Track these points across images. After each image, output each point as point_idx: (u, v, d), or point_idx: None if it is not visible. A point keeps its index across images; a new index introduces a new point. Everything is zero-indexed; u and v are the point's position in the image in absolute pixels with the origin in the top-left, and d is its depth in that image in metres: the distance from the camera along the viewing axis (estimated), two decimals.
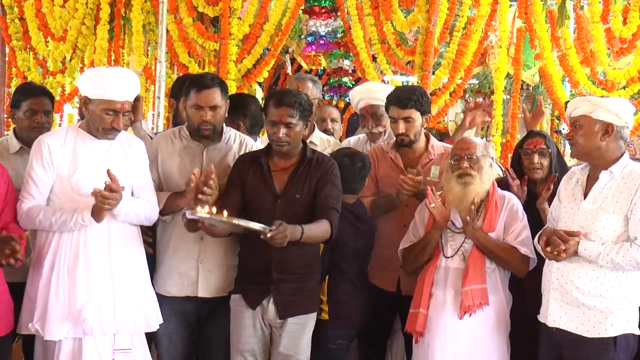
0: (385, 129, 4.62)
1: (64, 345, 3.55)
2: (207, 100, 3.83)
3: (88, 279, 3.55)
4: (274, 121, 3.74)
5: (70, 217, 3.49)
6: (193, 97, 3.85)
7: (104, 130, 3.60)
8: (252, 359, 3.83)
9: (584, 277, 3.49)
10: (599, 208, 3.49)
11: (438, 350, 3.70)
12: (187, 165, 3.91)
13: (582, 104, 3.57)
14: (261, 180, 3.79)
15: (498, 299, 3.77)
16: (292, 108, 3.71)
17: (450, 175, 3.80)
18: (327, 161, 3.88)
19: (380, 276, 4.22)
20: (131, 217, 3.66)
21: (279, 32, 7.20)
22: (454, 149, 3.86)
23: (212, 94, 3.85)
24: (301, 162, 3.82)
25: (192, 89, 3.86)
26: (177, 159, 3.96)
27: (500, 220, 3.81)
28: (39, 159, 3.58)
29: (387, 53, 7.18)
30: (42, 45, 7.97)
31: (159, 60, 6.60)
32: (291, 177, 3.79)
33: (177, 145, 3.98)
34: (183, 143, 3.98)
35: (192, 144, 3.97)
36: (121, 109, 3.57)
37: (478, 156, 3.78)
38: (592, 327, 3.47)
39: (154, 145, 4.00)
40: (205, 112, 3.84)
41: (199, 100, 3.83)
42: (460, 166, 3.77)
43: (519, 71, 7.10)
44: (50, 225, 3.52)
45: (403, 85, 5.00)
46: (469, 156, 3.77)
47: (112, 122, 3.58)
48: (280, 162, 3.83)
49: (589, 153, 3.54)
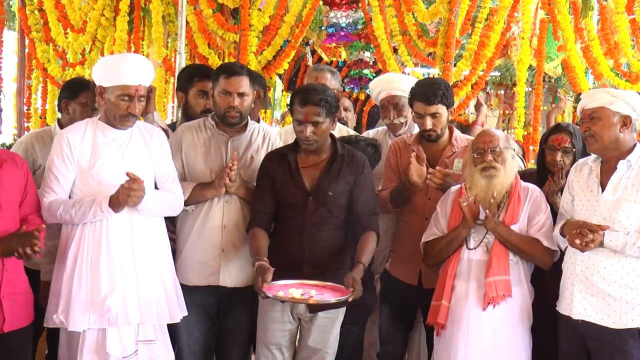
0: (407, 120, 4.58)
1: (87, 336, 3.56)
2: (235, 87, 3.85)
3: (111, 269, 3.56)
4: (301, 120, 3.73)
5: (88, 208, 3.50)
6: (222, 83, 3.86)
7: (120, 117, 3.60)
8: (278, 352, 3.84)
9: (609, 267, 3.47)
10: (620, 198, 3.48)
11: (462, 343, 3.67)
12: (211, 155, 3.93)
13: (600, 95, 3.55)
14: (290, 178, 3.79)
15: (521, 291, 3.74)
16: (318, 106, 3.70)
17: (474, 169, 3.78)
18: (359, 158, 3.88)
19: (402, 270, 4.19)
20: (155, 210, 3.68)
21: (300, 23, 7.17)
22: (476, 143, 3.83)
23: (241, 81, 3.87)
24: (333, 159, 3.82)
25: (222, 75, 3.87)
26: (202, 149, 3.97)
27: (523, 213, 3.78)
28: (59, 153, 3.60)
29: (408, 44, 7.14)
30: (61, 37, 7.99)
31: (179, 51, 6.59)
32: (323, 174, 3.79)
33: (202, 135, 3.99)
34: (208, 133, 3.99)
35: (217, 133, 3.97)
36: (135, 94, 3.57)
37: (501, 149, 3.75)
38: (618, 318, 3.46)
39: (178, 135, 4.02)
40: (233, 98, 3.85)
41: (227, 86, 3.85)
42: (484, 159, 3.74)
43: (541, 63, 7.04)
44: (70, 217, 3.53)
45: (425, 78, 4.95)
46: (492, 149, 3.74)
47: (127, 108, 3.58)
48: (309, 158, 3.83)
49: (607, 145, 3.52)
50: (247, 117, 4.02)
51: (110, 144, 3.64)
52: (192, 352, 4.00)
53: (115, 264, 3.56)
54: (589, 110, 3.56)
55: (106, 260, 3.56)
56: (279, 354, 3.84)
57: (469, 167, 3.85)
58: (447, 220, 3.87)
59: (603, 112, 3.51)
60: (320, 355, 3.84)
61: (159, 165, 3.76)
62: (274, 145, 4.08)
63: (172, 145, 3.90)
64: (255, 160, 3.98)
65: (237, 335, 4.02)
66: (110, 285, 3.54)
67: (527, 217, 3.78)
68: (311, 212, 3.74)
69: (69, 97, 4.26)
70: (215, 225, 3.90)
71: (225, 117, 3.90)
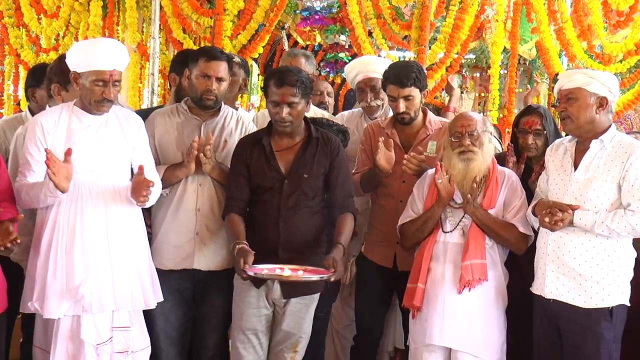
0: (384, 102, 4.59)
1: (62, 323, 3.56)
2: (215, 71, 3.86)
3: (85, 256, 3.55)
4: (276, 101, 3.73)
5: (40, 189, 3.47)
6: (202, 66, 3.87)
7: (95, 102, 3.58)
8: (254, 337, 3.85)
9: (580, 247, 3.51)
10: (591, 177, 3.51)
11: (437, 325, 3.70)
12: (184, 140, 3.93)
13: (577, 76, 3.57)
14: (265, 162, 3.79)
15: (496, 274, 3.77)
16: (294, 87, 3.70)
17: (451, 152, 3.79)
18: (334, 141, 3.89)
19: (376, 252, 4.22)
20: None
21: (274, 7, 7.12)
22: (453, 126, 3.83)
23: (220, 66, 3.89)
24: (307, 142, 3.83)
25: (202, 58, 3.88)
26: (175, 134, 3.97)
27: (500, 197, 3.80)
28: (32, 138, 3.57)
29: (383, 28, 7.11)
30: (34, 22, 7.89)
31: (153, 36, 6.53)
32: (298, 157, 3.80)
33: (175, 120, 4.00)
34: (181, 118, 3.99)
35: (190, 118, 3.97)
36: (110, 79, 3.54)
37: (479, 132, 3.76)
38: (589, 298, 3.50)
39: (151, 121, 4.01)
40: (212, 82, 3.86)
41: (207, 69, 3.86)
42: (462, 143, 3.75)
43: (515, 45, 7.05)
44: (31, 201, 3.53)
45: (398, 61, 4.95)
46: (470, 133, 3.75)
47: (102, 93, 3.55)
48: (283, 142, 3.84)
49: (583, 126, 3.55)
50: (221, 102, 4.02)
51: (85, 130, 3.62)
52: (169, 337, 4.00)
53: (89, 250, 3.55)
54: (565, 91, 3.57)
55: (80, 247, 3.54)
56: (255, 339, 3.85)
57: (446, 150, 3.86)
58: (424, 203, 3.88)
59: (580, 92, 3.53)
60: (294, 340, 3.86)
61: (136, 151, 3.75)
62: (248, 129, 4.08)
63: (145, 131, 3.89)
64: (229, 143, 3.98)
65: (213, 320, 4.02)
66: (85, 272, 3.53)
67: (503, 202, 3.80)
68: (287, 196, 3.75)
69: (34, 84, 4.24)
70: (189, 208, 3.91)
71: (201, 99, 3.90)
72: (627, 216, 3.41)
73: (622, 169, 3.46)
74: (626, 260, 3.55)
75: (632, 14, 6.65)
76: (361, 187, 4.20)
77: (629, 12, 6.68)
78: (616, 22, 6.82)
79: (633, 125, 9.02)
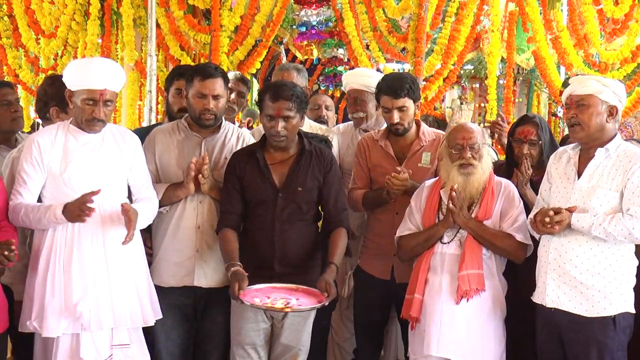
0: (367, 115, 4.60)
1: (61, 342, 3.54)
2: (210, 89, 3.84)
3: (83, 274, 3.53)
4: (271, 115, 3.72)
5: (44, 214, 3.47)
6: (197, 85, 3.85)
7: (86, 121, 3.57)
8: (253, 352, 3.84)
9: (582, 255, 3.48)
10: (595, 185, 3.48)
11: (434, 335, 3.67)
12: (184, 157, 3.92)
13: (590, 83, 3.51)
14: (259, 175, 3.78)
15: (494, 284, 3.74)
16: (289, 101, 3.70)
17: (450, 165, 3.76)
18: (327, 154, 3.89)
19: (373, 265, 4.20)
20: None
21: (270, 22, 7.17)
22: (454, 138, 3.78)
23: (216, 83, 3.86)
24: (301, 155, 3.82)
25: (196, 78, 3.85)
26: (175, 151, 3.96)
27: (496, 208, 3.78)
28: (28, 158, 3.56)
29: (379, 41, 7.15)
30: (32, 43, 7.95)
31: (149, 54, 6.55)
32: (292, 170, 3.79)
33: (175, 137, 3.98)
34: (181, 135, 3.98)
35: (190, 135, 3.96)
36: (100, 98, 3.53)
37: (479, 145, 3.73)
38: (590, 306, 3.46)
39: (152, 138, 4.00)
40: (208, 101, 3.84)
41: (202, 89, 3.84)
42: (463, 156, 3.71)
43: (511, 55, 7.07)
44: (30, 222, 3.51)
45: (392, 72, 4.97)
46: (471, 146, 3.72)
47: (92, 112, 3.54)
48: (277, 155, 3.83)
49: (593, 134, 3.50)
50: (222, 118, 4.02)
51: (81, 148, 3.61)
52: (170, 354, 3.98)
53: (87, 268, 3.54)
54: (577, 97, 3.51)
55: (78, 265, 3.53)
56: (254, 354, 3.84)
57: (444, 161, 3.83)
58: (422, 215, 3.86)
59: (592, 99, 3.47)
60: (294, 353, 3.84)
61: (133, 170, 3.74)
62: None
63: (146, 149, 3.88)
64: None
65: (215, 337, 4.00)
66: (83, 290, 3.51)
67: (500, 212, 3.78)
68: (281, 209, 3.74)
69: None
70: (190, 226, 3.90)
71: (200, 119, 3.89)
72: (625, 220, 3.37)
73: (625, 177, 3.43)
74: (628, 268, 3.51)
75: (628, 21, 6.66)
76: (363, 205, 4.20)
77: (624, 20, 6.69)
78: (612, 30, 6.83)
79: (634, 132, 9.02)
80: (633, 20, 6.57)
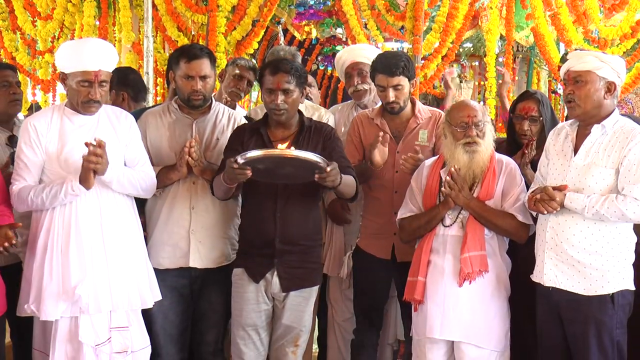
0: (371, 87, 4.57)
1: (60, 325, 3.56)
2: (197, 70, 3.84)
3: (81, 256, 3.54)
4: (271, 89, 3.71)
5: (60, 188, 3.48)
6: (183, 67, 3.85)
7: (82, 103, 3.57)
8: (254, 333, 3.84)
9: (578, 234, 3.46)
10: (590, 163, 3.45)
11: (437, 318, 3.67)
12: (176, 139, 3.92)
13: (588, 59, 3.45)
14: None
15: (496, 263, 3.72)
16: (288, 74, 3.70)
17: (454, 143, 3.70)
18: (326, 127, 3.91)
19: (373, 244, 4.19)
20: (125, 185, 3.66)
21: (268, 2, 7.12)
22: (458, 116, 3.72)
23: (202, 64, 3.86)
24: (300, 131, 3.82)
25: (182, 59, 3.86)
26: (167, 133, 3.96)
27: (498, 187, 3.74)
28: (27, 140, 3.57)
29: (377, 19, 7.10)
30: (28, 25, 7.92)
31: (146, 35, 6.52)
32: (293, 145, 3.75)
33: (166, 119, 3.98)
34: (172, 117, 3.98)
35: (181, 117, 3.96)
36: (95, 79, 3.53)
37: (483, 122, 3.69)
38: (588, 285, 3.45)
39: (143, 121, 3.99)
40: (196, 82, 3.85)
41: (189, 70, 3.84)
42: (469, 134, 3.66)
43: (510, 32, 7.02)
44: (42, 201, 3.51)
45: (387, 51, 4.92)
46: (476, 123, 3.67)
47: (88, 94, 3.54)
48: (278, 132, 3.82)
49: (590, 111, 3.46)
50: (212, 98, 4.01)
51: (77, 130, 3.61)
52: (168, 335, 4.00)
53: (85, 251, 3.55)
54: (574, 73, 3.47)
55: (76, 248, 3.54)
56: (256, 335, 3.84)
57: (447, 140, 3.77)
58: (423, 196, 3.84)
59: (589, 76, 3.42)
60: (295, 334, 3.84)
61: (128, 149, 3.74)
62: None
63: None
64: (221, 141, 3.96)
65: (212, 317, 4.02)
66: (81, 273, 3.52)
67: (501, 191, 3.75)
68: (283, 185, 3.72)
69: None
70: (184, 206, 3.91)
71: (189, 100, 3.90)
72: (618, 201, 3.34)
73: (621, 154, 3.39)
74: (626, 245, 3.49)
75: None
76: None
77: None
78: (611, 5, 6.78)
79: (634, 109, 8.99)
80: None
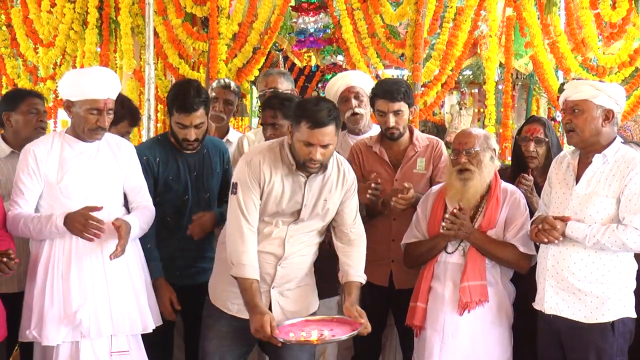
0: (365, 113, 4.57)
1: (61, 350, 3.55)
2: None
3: (82, 281, 3.55)
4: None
5: (45, 224, 3.49)
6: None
7: (89, 130, 3.61)
8: None
9: (579, 262, 3.46)
10: (592, 192, 3.46)
11: (437, 345, 3.67)
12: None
13: (584, 88, 3.48)
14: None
15: (498, 291, 3.72)
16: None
17: (451, 169, 3.74)
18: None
19: (371, 271, 4.10)
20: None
21: (268, 30, 7.18)
22: (453, 143, 3.77)
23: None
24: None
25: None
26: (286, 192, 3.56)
27: (501, 216, 3.74)
28: (25, 168, 3.59)
29: (377, 47, 7.15)
30: (30, 52, 7.97)
31: (147, 62, 6.57)
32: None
33: (281, 173, 3.55)
34: (285, 171, 3.54)
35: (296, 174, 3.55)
36: (104, 107, 3.58)
37: (477, 150, 3.67)
38: (589, 312, 3.45)
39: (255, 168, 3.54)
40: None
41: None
42: (458, 161, 3.69)
43: (509, 60, 7.05)
44: (30, 232, 3.53)
45: (387, 78, 4.94)
46: (467, 150, 3.68)
47: (97, 122, 3.59)
48: None
49: (588, 139, 3.47)
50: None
51: (77, 157, 3.64)
52: None
53: (85, 276, 3.56)
54: (571, 103, 3.50)
55: (77, 273, 3.55)
56: None
57: (448, 166, 3.83)
58: (427, 223, 3.85)
59: (586, 105, 3.45)
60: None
61: (129, 178, 3.77)
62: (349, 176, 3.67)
63: (250, 176, 3.47)
64: None
65: None
66: (82, 297, 3.53)
67: (505, 220, 3.74)
68: None
69: (9, 109, 4.12)
70: None
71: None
72: (618, 231, 3.36)
73: (622, 183, 3.40)
74: (627, 273, 3.50)
75: (625, 25, 6.65)
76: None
77: (622, 24, 6.67)
78: (609, 34, 6.82)
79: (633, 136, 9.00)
80: (630, 24, 6.56)
